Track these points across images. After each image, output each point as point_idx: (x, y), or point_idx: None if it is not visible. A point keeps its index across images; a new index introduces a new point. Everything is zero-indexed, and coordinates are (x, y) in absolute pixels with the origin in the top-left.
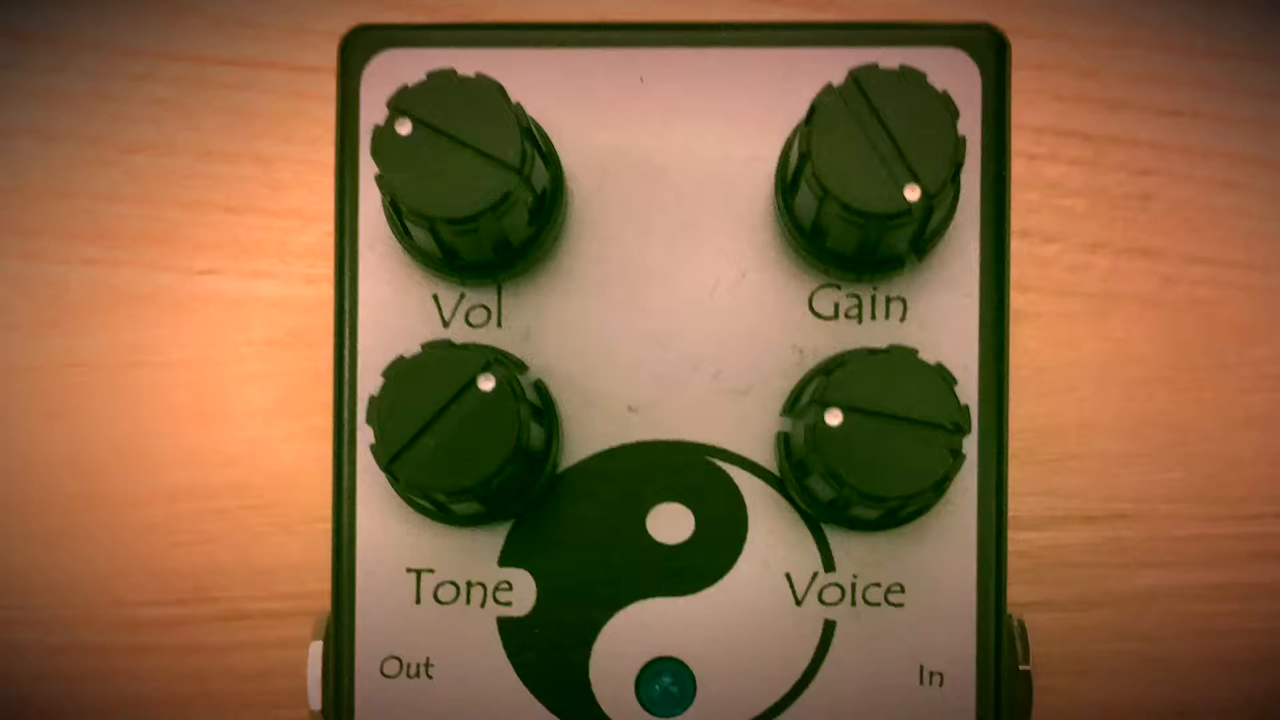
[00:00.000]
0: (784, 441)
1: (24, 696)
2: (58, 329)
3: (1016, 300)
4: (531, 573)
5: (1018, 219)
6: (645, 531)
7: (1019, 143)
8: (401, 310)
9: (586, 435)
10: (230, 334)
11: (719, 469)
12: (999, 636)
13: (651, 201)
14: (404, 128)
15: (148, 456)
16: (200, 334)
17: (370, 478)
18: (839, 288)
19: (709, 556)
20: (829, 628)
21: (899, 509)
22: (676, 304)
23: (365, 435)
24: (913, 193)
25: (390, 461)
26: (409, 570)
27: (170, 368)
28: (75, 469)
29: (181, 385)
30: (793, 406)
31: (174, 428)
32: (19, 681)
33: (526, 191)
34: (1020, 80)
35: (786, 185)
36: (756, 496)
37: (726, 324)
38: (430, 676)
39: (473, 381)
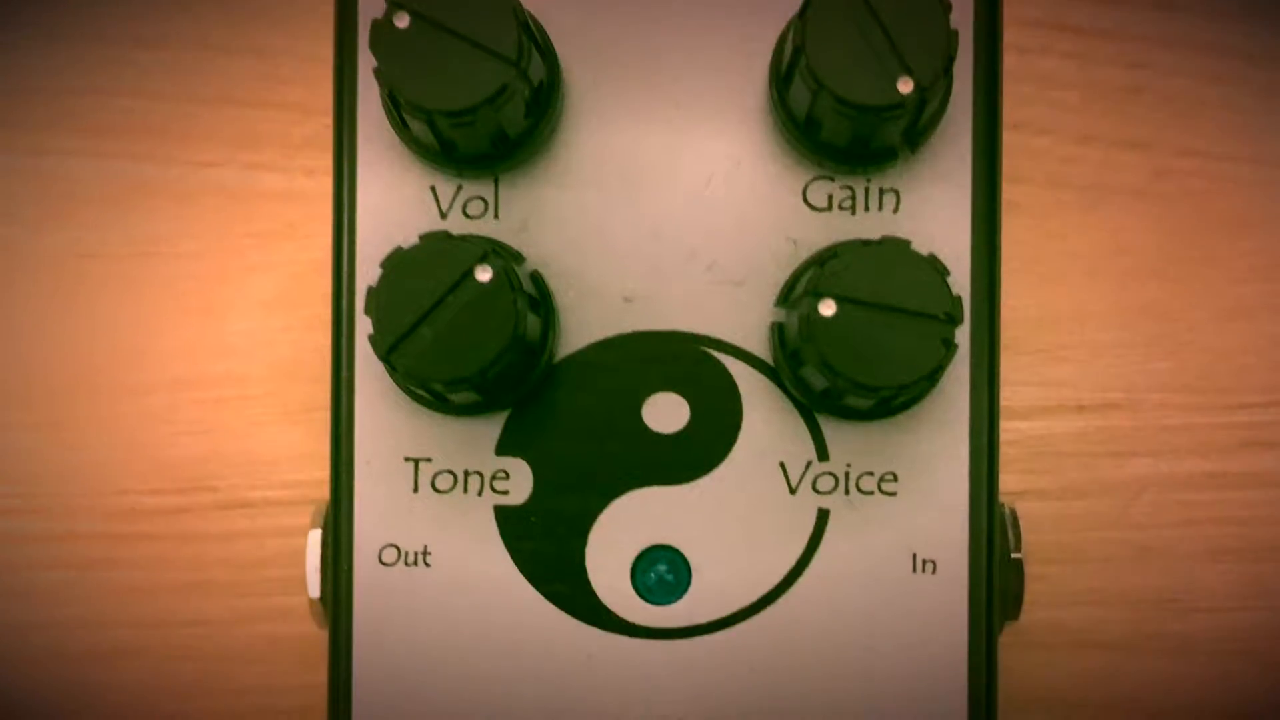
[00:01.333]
0: (778, 332)
1: (24, 584)
2: (63, 221)
3: (1008, 192)
4: (528, 462)
5: (1010, 111)
6: (641, 421)
7: (1011, 36)
8: (399, 202)
9: (583, 325)
10: (232, 226)
11: (714, 359)
12: (991, 525)
13: (647, 94)
14: (402, 21)
15: (150, 347)
16: (203, 226)
17: (368, 368)
18: (833, 179)
19: (704, 446)
20: (823, 516)
21: (892, 399)
22: (672, 196)
23: (364, 325)
24: (906, 85)
25: (388, 351)
26: (407, 459)
27: (174, 259)
28: (78, 359)
29: (185, 277)
30: (787, 297)
31: (176, 319)
32: (19, 569)
33: (523, 84)
34: None
35: (781, 78)
36: (751, 386)
37: (721, 215)
38: (428, 565)
39: (470, 272)
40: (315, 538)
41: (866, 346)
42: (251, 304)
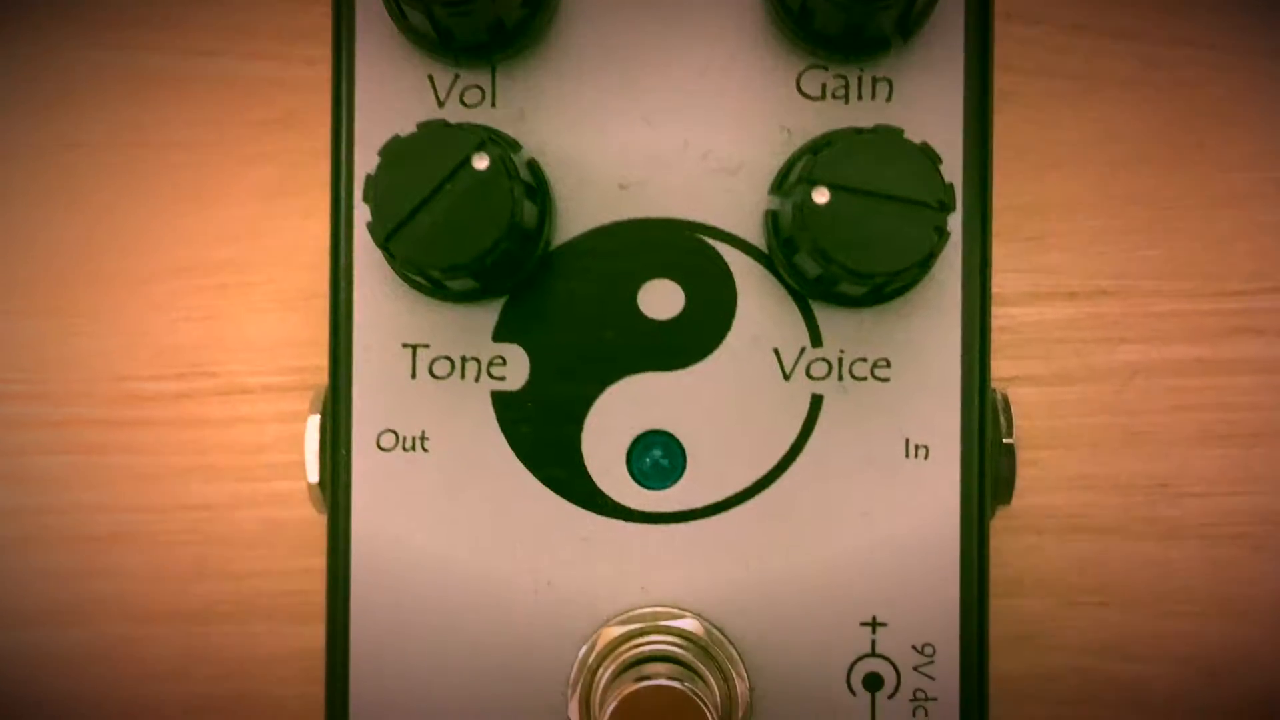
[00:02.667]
0: (772, 219)
1: (26, 469)
2: (59, 110)
3: (1000, 81)
4: (525, 348)
5: (1002, 0)
6: (636, 307)
7: None
8: (397, 91)
9: (579, 213)
10: (232, 114)
11: (709, 246)
12: (983, 410)
13: None
14: None
15: (149, 235)
16: (202, 115)
17: (367, 255)
18: (826, 68)
19: (699, 332)
20: (816, 402)
21: (885, 285)
22: (667, 84)
23: (362, 213)
24: None
25: (386, 238)
26: (405, 345)
27: (173, 148)
28: (78, 249)
29: (183, 165)
30: (781, 185)
31: (175, 207)
32: (22, 454)
33: None
34: None
35: None
36: (745, 273)
37: (716, 104)
38: (425, 449)
39: (467, 160)
40: (314, 423)
41: (859, 233)
42: (251, 192)
